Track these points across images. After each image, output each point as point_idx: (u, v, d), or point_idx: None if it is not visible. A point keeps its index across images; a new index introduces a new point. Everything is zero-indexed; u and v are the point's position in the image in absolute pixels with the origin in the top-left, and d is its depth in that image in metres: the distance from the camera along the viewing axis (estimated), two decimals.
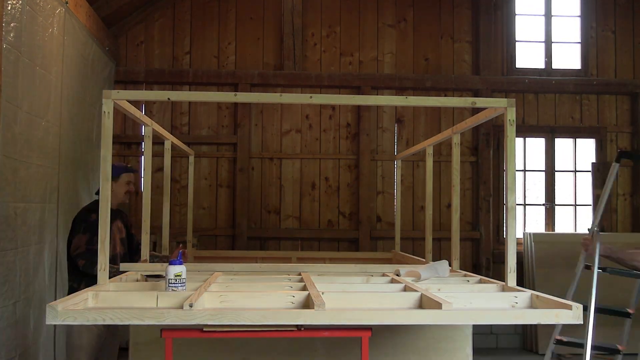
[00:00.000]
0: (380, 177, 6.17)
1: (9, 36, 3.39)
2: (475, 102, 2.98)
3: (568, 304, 2.39)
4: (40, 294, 3.89)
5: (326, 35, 6.20)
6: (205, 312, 2.31)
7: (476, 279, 3.25)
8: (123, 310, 2.28)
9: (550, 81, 6.22)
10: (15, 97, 3.51)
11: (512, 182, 2.78)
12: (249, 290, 2.74)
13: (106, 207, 2.71)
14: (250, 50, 6.13)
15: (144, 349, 2.92)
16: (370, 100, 5.07)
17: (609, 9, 6.40)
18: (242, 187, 5.94)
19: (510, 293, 2.68)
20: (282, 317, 2.34)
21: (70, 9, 4.38)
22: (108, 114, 2.72)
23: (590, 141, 6.38)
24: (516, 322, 2.44)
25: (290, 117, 6.09)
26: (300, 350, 2.93)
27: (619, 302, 5.88)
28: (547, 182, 6.35)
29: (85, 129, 4.94)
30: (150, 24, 6.07)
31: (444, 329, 2.98)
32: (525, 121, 6.27)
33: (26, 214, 3.68)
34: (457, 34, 6.29)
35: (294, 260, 4.99)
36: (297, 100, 3.43)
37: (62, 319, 2.22)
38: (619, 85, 6.29)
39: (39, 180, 3.89)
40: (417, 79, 6.12)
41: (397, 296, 2.63)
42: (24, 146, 3.64)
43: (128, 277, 3.16)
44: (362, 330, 2.46)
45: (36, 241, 3.83)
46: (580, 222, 6.36)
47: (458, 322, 2.38)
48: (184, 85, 6.01)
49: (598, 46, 6.37)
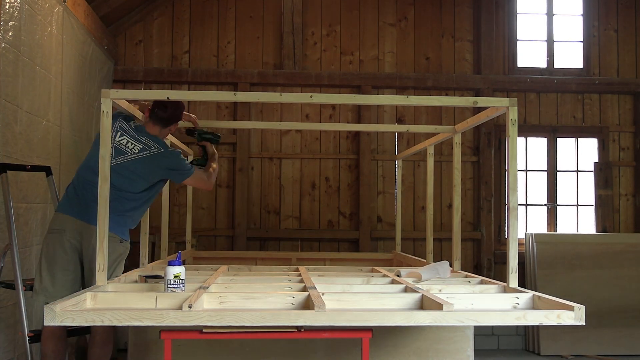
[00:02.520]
0: (380, 177, 6.15)
1: (7, 35, 3.37)
2: (477, 101, 2.97)
3: (570, 305, 2.37)
4: None
5: (326, 34, 6.18)
6: (205, 313, 2.31)
7: (477, 279, 3.24)
8: (122, 312, 2.27)
9: (552, 80, 6.20)
10: (15, 96, 3.49)
11: (514, 182, 2.77)
12: (248, 291, 2.73)
13: (105, 208, 2.69)
14: (249, 49, 6.11)
15: (143, 350, 2.91)
16: (371, 99, 5.05)
17: (612, 8, 6.37)
18: (241, 187, 5.92)
19: (512, 294, 2.67)
20: (282, 318, 2.33)
21: (69, 7, 4.37)
22: (107, 114, 2.71)
23: (592, 141, 6.35)
24: (518, 323, 2.42)
25: (290, 116, 6.06)
26: (300, 351, 2.92)
27: (619, 302, 5.88)
28: (549, 182, 6.32)
29: (85, 129, 4.92)
30: (149, 23, 6.05)
31: (445, 330, 2.97)
32: (527, 121, 6.25)
33: (28, 214, 3.66)
34: (458, 32, 6.27)
35: (294, 260, 4.98)
36: (297, 100, 3.41)
37: (60, 320, 2.22)
38: (621, 84, 6.27)
39: (41, 181, 3.87)
40: (418, 78, 6.10)
41: (397, 297, 2.62)
42: (24, 146, 3.63)
43: (127, 277, 3.15)
44: (362, 331, 2.45)
45: (37, 242, 3.82)
46: (583, 223, 6.33)
47: (459, 323, 2.36)
48: (182, 85, 5.99)
49: (600, 45, 6.35)
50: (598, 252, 5.86)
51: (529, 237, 5.95)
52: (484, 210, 6.08)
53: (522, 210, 6.27)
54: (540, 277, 5.78)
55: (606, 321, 5.73)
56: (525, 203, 6.30)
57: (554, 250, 5.85)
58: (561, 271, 5.80)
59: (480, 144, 6.14)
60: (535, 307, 2.60)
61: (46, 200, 3.96)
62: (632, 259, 5.86)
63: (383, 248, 6.01)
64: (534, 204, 6.34)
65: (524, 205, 6.28)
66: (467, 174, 6.13)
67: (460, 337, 2.99)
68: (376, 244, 6.04)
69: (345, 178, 6.11)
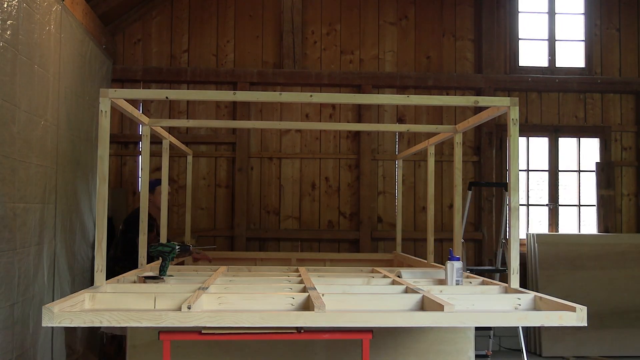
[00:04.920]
0: (381, 177, 6.12)
1: (5, 34, 3.34)
2: (478, 101, 2.95)
3: (572, 306, 2.36)
4: (40, 296, 3.85)
5: (326, 33, 6.15)
6: (204, 314, 2.29)
7: (479, 280, 3.22)
8: (120, 312, 2.26)
9: (554, 80, 6.17)
10: (13, 96, 3.47)
11: (515, 182, 2.75)
12: (248, 292, 2.71)
13: (103, 208, 2.67)
14: (249, 49, 6.09)
15: (142, 351, 2.88)
16: (371, 99, 5.00)
17: (613, 6, 6.35)
18: (241, 187, 5.89)
19: (513, 295, 2.65)
20: (282, 319, 2.31)
21: (67, 6, 4.34)
22: (105, 113, 2.70)
23: (594, 140, 6.32)
24: (519, 324, 2.41)
25: (290, 116, 6.04)
26: (300, 352, 2.90)
27: (621, 303, 5.85)
28: (551, 182, 6.29)
29: (84, 129, 4.90)
30: (147, 22, 6.02)
31: (446, 331, 2.95)
32: (528, 120, 6.22)
33: (26, 214, 3.64)
34: (459, 31, 6.24)
35: (294, 261, 4.96)
36: (297, 99, 3.38)
37: (59, 321, 2.21)
38: (623, 83, 6.24)
39: (39, 181, 3.85)
40: (419, 77, 6.07)
41: (398, 298, 2.61)
42: (23, 146, 3.60)
43: (125, 278, 3.13)
44: (362, 332, 2.43)
45: (36, 242, 3.79)
46: (584, 223, 6.30)
47: (460, 324, 2.34)
48: (182, 84, 5.97)
49: (602, 44, 6.32)
50: (600, 252, 5.84)
51: (531, 237, 5.93)
52: (485, 210, 6.05)
53: (524, 210, 6.24)
54: (542, 278, 5.76)
55: (608, 322, 5.70)
56: (527, 203, 6.27)
57: (555, 251, 5.82)
58: (563, 272, 5.78)
59: (481, 143, 6.11)
60: (536, 308, 2.58)
61: (44, 200, 3.93)
62: (634, 260, 5.83)
63: (383, 248, 5.99)
64: (535, 204, 6.31)
65: (525, 206, 6.26)
66: (468, 174, 6.10)
67: (461, 338, 2.97)
68: (376, 245, 6.01)
69: (345, 178, 6.08)
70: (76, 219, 4.66)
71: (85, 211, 4.88)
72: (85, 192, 4.89)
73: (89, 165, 4.96)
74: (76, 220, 4.66)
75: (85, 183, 4.86)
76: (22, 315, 3.59)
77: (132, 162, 5.87)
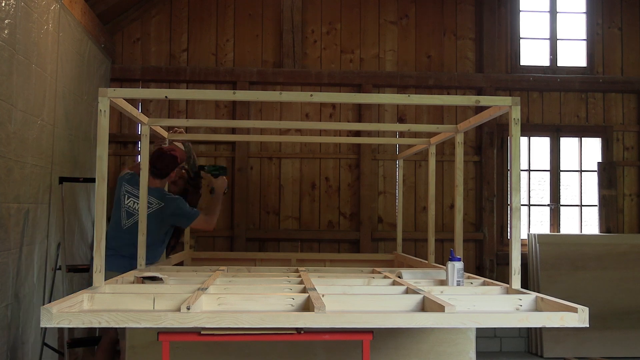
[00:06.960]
0: (381, 177, 6.10)
1: (2, 33, 3.33)
2: (480, 100, 2.93)
3: (573, 306, 2.34)
4: (29, 296, 3.83)
5: (326, 32, 6.13)
6: (203, 314, 2.28)
7: (480, 281, 3.21)
8: (119, 313, 2.24)
9: (556, 79, 6.15)
10: (10, 95, 3.45)
11: (517, 182, 2.74)
12: (247, 292, 2.69)
13: (102, 208, 2.65)
14: (249, 48, 6.06)
15: (141, 352, 2.86)
16: (372, 98, 4.97)
17: (615, 5, 6.32)
18: (240, 187, 5.86)
19: (515, 295, 2.64)
20: (282, 320, 2.29)
21: (65, 5, 4.32)
22: (104, 113, 2.68)
23: (596, 140, 6.30)
24: (520, 325, 2.38)
25: (290, 115, 6.02)
26: (300, 353, 2.88)
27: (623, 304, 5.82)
28: (552, 182, 6.27)
29: (83, 128, 4.88)
30: (146, 21, 6.00)
31: (447, 332, 2.93)
32: (530, 120, 6.19)
33: (19, 214, 3.62)
34: (460, 30, 6.22)
35: (294, 261, 4.94)
36: (297, 99, 3.35)
37: (57, 322, 2.19)
38: (625, 83, 6.21)
39: (34, 180, 3.83)
40: (420, 76, 6.05)
41: (398, 299, 2.59)
42: (18, 145, 3.58)
43: (124, 278, 3.11)
44: (363, 333, 2.41)
45: (28, 242, 3.78)
46: (586, 223, 6.27)
47: (461, 325, 2.32)
48: (181, 83, 5.94)
49: (604, 43, 6.29)
50: (602, 253, 5.81)
51: (532, 237, 5.90)
52: (486, 210, 6.03)
53: (525, 210, 6.22)
54: (543, 279, 5.73)
55: (610, 323, 5.68)
56: (528, 203, 6.25)
57: (557, 251, 5.80)
58: (564, 272, 5.75)
59: (483, 143, 6.08)
60: (538, 309, 2.57)
61: (37, 200, 3.91)
62: (636, 260, 5.80)
63: (384, 249, 5.96)
64: (536, 204, 6.29)
65: (526, 206, 6.23)
66: (469, 174, 6.08)
67: (462, 339, 2.95)
68: (377, 245, 5.99)
69: (345, 178, 6.05)
70: (74, 219, 4.64)
71: (83, 211, 4.86)
72: (84, 192, 4.87)
73: (87, 165, 4.95)
74: (74, 220, 4.64)
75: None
76: (15, 316, 3.57)
77: (131, 162, 5.85)
